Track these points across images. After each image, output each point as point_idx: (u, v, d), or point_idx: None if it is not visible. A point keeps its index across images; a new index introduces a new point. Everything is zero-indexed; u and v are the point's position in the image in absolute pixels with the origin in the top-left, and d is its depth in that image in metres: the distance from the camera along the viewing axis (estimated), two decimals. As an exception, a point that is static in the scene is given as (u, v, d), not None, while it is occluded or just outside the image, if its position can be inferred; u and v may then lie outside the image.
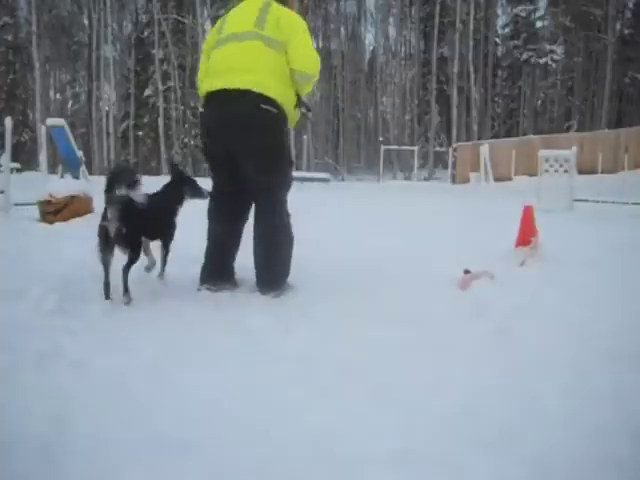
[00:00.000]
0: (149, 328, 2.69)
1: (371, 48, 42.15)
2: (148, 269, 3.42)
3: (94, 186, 7.43)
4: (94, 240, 3.02)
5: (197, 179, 3.59)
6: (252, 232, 3.35)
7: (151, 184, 3.29)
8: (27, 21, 33.89)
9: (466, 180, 21.95)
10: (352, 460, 1.60)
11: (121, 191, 2.93)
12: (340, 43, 39.11)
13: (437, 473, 1.55)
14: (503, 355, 2.41)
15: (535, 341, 2.56)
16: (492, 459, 1.61)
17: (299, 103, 3.42)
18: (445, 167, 29.75)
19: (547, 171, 9.52)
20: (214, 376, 2.17)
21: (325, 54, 37.57)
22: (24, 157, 30.19)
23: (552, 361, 2.33)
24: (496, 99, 37.78)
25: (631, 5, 34.83)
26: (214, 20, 28.58)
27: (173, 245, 3.48)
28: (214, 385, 2.10)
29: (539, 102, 39.26)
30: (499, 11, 37.44)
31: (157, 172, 29.07)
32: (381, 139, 33.41)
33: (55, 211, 6.06)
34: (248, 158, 3.20)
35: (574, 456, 1.62)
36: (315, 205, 9.21)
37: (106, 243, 2.99)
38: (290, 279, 3.40)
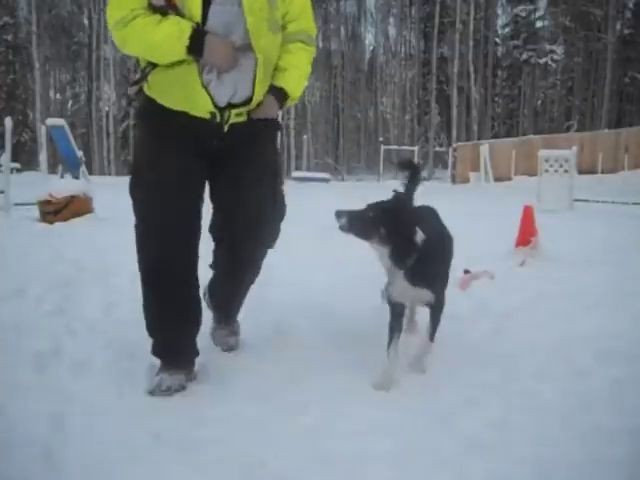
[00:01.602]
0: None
1: (371, 48, 42.04)
2: None
3: (94, 186, 7.44)
4: None
5: None
6: None
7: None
8: (27, 21, 33.82)
9: (466, 180, 21.88)
10: (352, 460, 1.60)
11: None
12: (340, 43, 39.00)
13: (437, 473, 1.55)
14: (503, 355, 2.41)
15: (535, 341, 2.56)
16: (492, 459, 1.61)
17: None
18: (445, 167, 29.66)
19: (547, 171, 9.50)
20: (214, 376, 2.17)
21: (325, 54, 37.55)
22: (24, 157, 30.15)
23: (552, 361, 2.33)
24: (496, 99, 37.69)
25: (631, 5, 34.78)
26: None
27: None
28: (214, 385, 2.10)
29: (539, 102, 39.17)
30: (499, 11, 37.30)
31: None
32: (381, 139, 33.35)
33: (55, 211, 6.04)
34: None
35: (573, 456, 1.63)
36: (314, 204, 9.19)
37: None
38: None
